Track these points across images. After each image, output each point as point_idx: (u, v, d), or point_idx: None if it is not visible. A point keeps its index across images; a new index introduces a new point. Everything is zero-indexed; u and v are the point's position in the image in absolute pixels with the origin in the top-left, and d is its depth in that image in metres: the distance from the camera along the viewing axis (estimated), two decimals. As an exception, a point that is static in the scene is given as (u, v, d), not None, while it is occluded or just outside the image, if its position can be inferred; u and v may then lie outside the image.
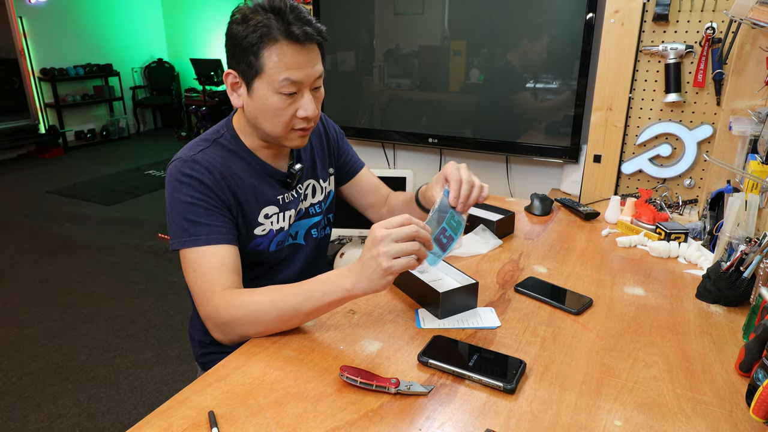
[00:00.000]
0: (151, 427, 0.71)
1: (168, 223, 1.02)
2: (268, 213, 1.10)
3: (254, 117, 1.02)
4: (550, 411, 0.75)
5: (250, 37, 0.93)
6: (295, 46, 0.94)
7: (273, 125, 1.00)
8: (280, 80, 0.95)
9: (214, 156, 1.03)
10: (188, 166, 1.00)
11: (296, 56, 0.94)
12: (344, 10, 2.61)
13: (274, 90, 0.96)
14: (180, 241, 0.98)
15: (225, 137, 1.07)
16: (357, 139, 2.82)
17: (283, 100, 0.97)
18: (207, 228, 0.98)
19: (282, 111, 0.98)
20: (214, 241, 0.97)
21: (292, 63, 0.94)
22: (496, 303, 1.05)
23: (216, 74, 6.42)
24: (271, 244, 1.11)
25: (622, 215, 1.50)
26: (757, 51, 1.55)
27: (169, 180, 1.02)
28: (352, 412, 0.74)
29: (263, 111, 0.99)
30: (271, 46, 0.93)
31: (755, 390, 0.72)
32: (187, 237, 0.97)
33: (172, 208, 1.01)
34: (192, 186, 0.99)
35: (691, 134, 1.82)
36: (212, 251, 0.96)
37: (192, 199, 0.98)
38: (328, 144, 1.26)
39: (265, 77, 0.95)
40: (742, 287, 1.02)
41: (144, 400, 2.12)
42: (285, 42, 0.93)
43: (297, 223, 1.17)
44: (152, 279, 3.16)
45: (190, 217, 0.98)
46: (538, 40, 2.28)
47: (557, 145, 2.32)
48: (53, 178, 5.29)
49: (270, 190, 1.10)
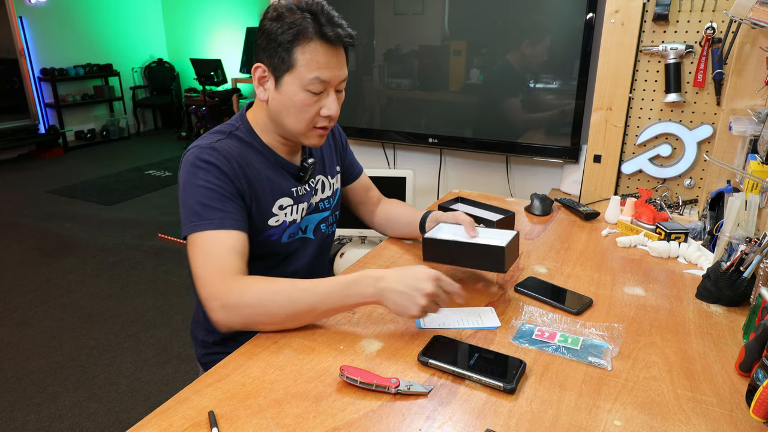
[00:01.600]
0: (151, 427, 0.71)
1: (181, 210, 1.01)
2: (283, 204, 1.11)
3: (278, 111, 1.04)
4: (550, 411, 0.75)
5: (285, 34, 0.97)
6: (327, 47, 0.98)
7: (296, 121, 1.03)
8: (310, 78, 0.98)
9: (231, 146, 1.04)
10: (206, 152, 1.00)
11: (327, 57, 0.98)
12: (345, 10, 2.61)
13: (302, 87, 0.99)
14: (191, 225, 0.97)
15: (240, 130, 1.09)
16: (357, 139, 2.83)
17: (309, 97, 1.00)
18: (220, 213, 0.98)
19: (307, 108, 1.01)
20: (227, 225, 0.97)
21: (323, 63, 0.98)
22: (496, 303, 1.05)
23: (216, 74, 6.41)
24: (284, 236, 1.13)
25: (622, 215, 1.50)
26: (757, 51, 1.55)
27: (185, 166, 1.01)
28: (352, 412, 0.74)
29: (288, 106, 1.02)
30: (305, 44, 0.97)
31: (755, 390, 0.72)
32: (199, 220, 0.96)
33: (185, 193, 0.99)
34: (209, 171, 0.99)
35: (691, 134, 1.82)
36: (224, 235, 0.96)
37: (208, 184, 0.98)
38: (335, 143, 1.29)
39: (295, 73, 0.98)
40: (742, 287, 1.02)
41: (144, 400, 2.12)
42: (318, 42, 0.97)
43: (307, 217, 1.19)
44: (152, 279, 3.16)
45: (204, 201, 0.98)
46: (538, 40, 2.28)
47: (557, 145, 2.32)
48: (53, 178, 5.29)
49: (284, 183, 1.12)
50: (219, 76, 6.44)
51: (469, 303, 1.05)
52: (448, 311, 1.01)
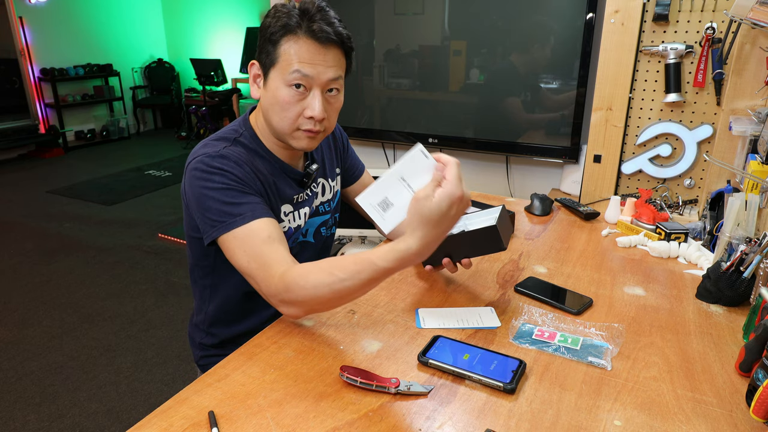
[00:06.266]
0: (151, 427, 0.71)
1: (200, 216, 0.98)
2: (285, 211, 1.11)
3: (266, 110, 1.02)
4: (550, 411, 0.75)
5: (273, 27, 0.96)
6: (313, 43, 0.95)
7: (280, 119, 1.00)
8: (291, 71, 0.95)
9: (239, 153, 1.02)
10: (217, 160, 0.98)
11: (311, 53, 0.95)
12: (344, 10, 2.61)
13: (285, 82, 0.97)
14: (223, 225, 0.94)
15: (244, 136, 1.07)
16: (357, 139, 2.83)
17: (292, 94, 0.97)
18: (248, 206, 0.95)
19: (289, 105, 0.98)
20: (259, 215, 0.95)
21: (305, 57, 0.95)
22: (496, 303, 1.05)
23: (216, 74, 6.41)
24: (288, 241, 1.12)
25: (622, 215, 1.50)
26: (757, 51, 1.55)
27: (195, 173, 0.98)
28: (352, 412, 0.74)
29: (273, 103, 0.99)
30: (290, 39, 0.95)
31: (755, 390, 0.72)
32: (230, 218, 0.94)
33: (205, 198, 0.96)
34: (224, 175, 0.97)
35: (691, 134, 1.82)
36: (257, 226, 0.93)
37: (227, 185, 0.96)
38: (335, 144, 1.28)
39: (278, 67, 0.97)
40: (742, 287, 1.02)
41: (144, 400, 2.12)
42: (304, 37, 0.95)
43: (308, 221, 1.18)
44: (152, 279, 3.16)
45: (229, 200, 0.95)
46: (538, 40, 2.28)
47: (557, 145, 2.32)
48: (53, 178, 5.29)
49: (288, 189, 1.11)
50: (219, 76, 6.45)
51: (469, 303, 1.05)
52: (448, 311, 1.01)
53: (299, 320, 0.97)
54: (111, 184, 5.09)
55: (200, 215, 0.98)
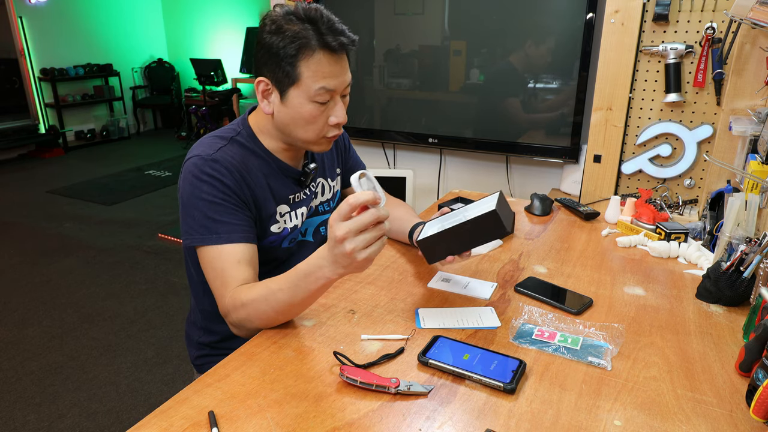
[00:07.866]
0: (151, 427, 0.71)
1: (183, 217, 1.02)
2: (282, 211, 1.12)
3: (286, 124, 1.03)
4: (550, 411, 0.75)
5: (288, 48, 0.95)
6: (331, 56, 0.97)
7: (305, 132, 1.03)
8: (317, 89, 0.97)
9: (232, 154, 1.03)
10: (209, 165, 1.00)
11: (331, 66, 0.97)
12: (344, 10, 2.61)
13: (309, 99, 0.99)
14: (199, 237, 0.99)
15: (242, 135, 1.08)
16: (357, 139, 2.83)
17: (317, 108, 1.00)
18: (227, 226, 0.99)
19: (316, 118, 1.01)
20: (234, 239, 0.98)
21: (327, 72, 0.97)
22: (496, 303, 1.05)
23: (216, 74, 6.41)
24: (284, 241, 1.13)
25: (622, 215, 1.50)
26: (757, 51, 1.55)
27: (187, 177, 1.01)
28: (352, 412, 0.74)
29: (296, 119, 1.01)
30: (309, 57, 0.96)
31: (755, 390, 0.72)
32: (208, 234, 0.98)
33: (190, 204, 1.00)
34: (214, 186, 0.99)
35: (691, 134, 1.82)
36: (230, 249, 0.98)
37: (214, 198, 0.99)
38: (336, 145, 1.29)
39: (301, 86, 0.98)
40: (742, 287, 1.02)
41: (144, 400, 2.12)
42: (321, 52, 0.96)
43: (307, 221, 1.19)
44: (152, 279, 3.16)
45: (211, 215, 0.99)
46: (538, 40, 2.28)
47: (557, 145, 2.32)
48: (53, 178, 5.29)
49: (285, 189, 1.12)
50: (219, 76, 6.45)
51: (469, 303, 1.05)
52: (448, 311, 1.01)
53: (299, 320, 0.97)
54: (111, 184, 5.09)
55: (183, 217, 1.02)
